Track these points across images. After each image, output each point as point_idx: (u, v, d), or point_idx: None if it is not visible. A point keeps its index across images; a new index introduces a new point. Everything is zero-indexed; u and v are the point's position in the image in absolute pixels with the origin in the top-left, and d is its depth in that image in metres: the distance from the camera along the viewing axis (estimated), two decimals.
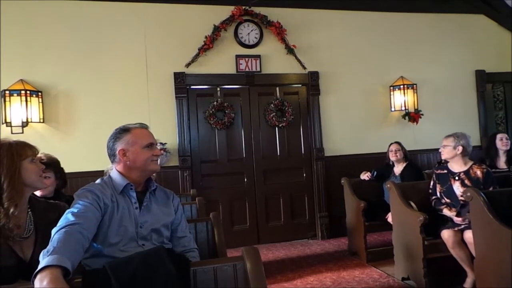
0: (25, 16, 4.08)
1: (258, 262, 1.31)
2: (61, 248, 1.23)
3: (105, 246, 1.49)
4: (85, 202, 1.48)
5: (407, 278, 3.09)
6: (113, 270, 1.25)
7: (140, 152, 1.64)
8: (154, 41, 4.41)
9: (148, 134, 1.70)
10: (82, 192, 1.55)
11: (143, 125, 1.73)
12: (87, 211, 1.45)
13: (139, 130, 1.69)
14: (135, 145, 1.64)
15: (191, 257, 1.68)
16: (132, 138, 1.65)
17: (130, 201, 1.62)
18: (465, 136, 3.06)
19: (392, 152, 4.06)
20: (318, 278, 3.36)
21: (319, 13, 4.92)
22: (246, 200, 4.69)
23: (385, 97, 5.06)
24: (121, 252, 1.50)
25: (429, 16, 5.30)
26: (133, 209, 1.61)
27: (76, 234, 1.33)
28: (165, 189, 1.81)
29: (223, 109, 4.57)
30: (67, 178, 2.58)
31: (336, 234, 4.71)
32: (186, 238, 1.77)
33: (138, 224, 1.59)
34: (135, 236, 1.57)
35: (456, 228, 2.79)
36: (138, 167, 1.65)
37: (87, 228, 1.39)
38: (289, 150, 4.84)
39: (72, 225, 1.35)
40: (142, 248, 1.54)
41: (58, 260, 1.17)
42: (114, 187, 1.62)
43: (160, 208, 1.70)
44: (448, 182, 3.06)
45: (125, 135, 1.66)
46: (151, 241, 1.61)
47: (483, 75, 5.40)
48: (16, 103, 3.82)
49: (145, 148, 1.66)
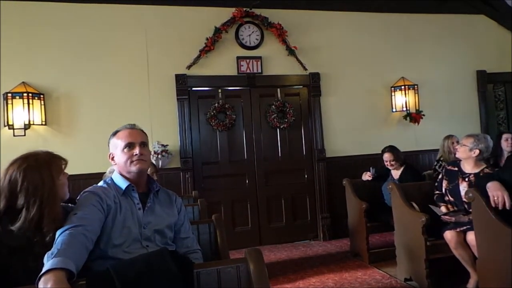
0: (26, 18, 4.09)
1: (261, 263, 1.32)
2: (65, 251, 1.24)
3: (109, 247, 1.50)
4: (88, 204, 1.49)
5: (409, 279, 3.09)
6: (116, 272, 1.25)
7: (120, 154, 1.65)
8: (155, 43, 4.42)
9: (128, 134, 1.67)
10: (86, 195, 1.56)
11: (127, 125, 1.72)
12: (90, 213, 1.46)
13: (122, 132, 1.68)
14: (117, 148, 1.67)
15: (194, 258, 1.68)
16: (115, 142, 1.68)
17: (133, 202, 1.63)
18: (486, 140, 2.93)
19: (386, 162, 3.94)
20: (320, 280, 3.35)
21: (320, 14, 4.93)
22: (248, 202, 4.69)
23: (386, 98, 5.07)
24: (125, 253, 1.50)
25: (429, 17, 5.30)
26: (136, 210, 1.61)
27: (80, 236, 1.34)
28: (168, 191, 1.81)
29: (224, 111, 4.58)
30: (70, 180, 2.58)
31: (338, 235, 4.71)
32: (189, 239, 1.77)
33: (142, 225, 1.60)
34: (139, 237, 1.57)
35: (458, 228, 2.78)
36: (125, 170, 1.67)
37: (91, 230, 1.39)
38: (290, 151, 4.84)
39: (76, 227, 1.36)
40: (146, 249, 1.55)
41: (62, 263, 1.17)
42: (116, 189, 1.63)
43: (163, 209, 1.70)
44: (456, 180, 3.01)
45: (112, 139, 1.70)
46: (155, 242, 1.62)
47: (484, 75, 5.40)
48: (18, 105, 3.83)
49: (125, 149, 1.65)
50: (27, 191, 1.41)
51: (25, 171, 1.43)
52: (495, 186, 2.24)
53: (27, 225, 1.38)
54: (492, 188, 2.24)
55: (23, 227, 1.38)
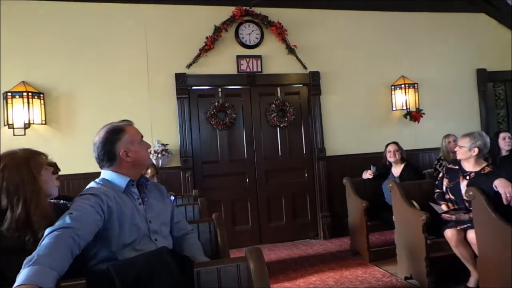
0: (26, 18, 4.09)
1: (261, 262, 1.31)
2: (45, 257, 1.17)
3: (119, 249, 1.47)
4: (86, 205, 1.42)
5: (410, 277, 3.09)
6: (117, 272, 1.25)
7: (139, 147, 1.65)
8: (155, 42, 4.41)
9: (135, 129, 1.69)
10: (85, 195, 1.48)
11: (125, 121, 1.70)
12: (86, 214, 1.38)
13: (130, 127, 1.67)
14: (134, 143, 1.63)
15: (192, 237, 1.81)
16: (130, 137, 1.63)
17: (133, 198, 1.61)
18: (483, 137, 2.93)
19: (390, 152, 3.94)
20: (321, 278, 3.36)
21: (320, 13, 4.92)
22: (248, 201, 4.70)
23: (387, 97, 5.06)
24: (136, 251, 1.48)
25: (429, 15, 5.29)
26: (138, 205, 1.60)
27: (67, 239, 1.27)
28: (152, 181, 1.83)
29: (224, 110, 4.58)
30: (70, 179, 2.59)
31: (338, 234, 4.71)
32: (182, 222, 1.83)
33: (147, 219, 1.60)
34: (147, 231, 1.57)
35: (459, 227, 2.78)
36: (141, 164, 1.68)
37: (80, 235, 1.31)
38: (290, 150, 4.84)
39: (65, 228, 1.29)
40: (155, 243, 1.56)
41: (36, 277, 1.10)
42: (114, 188, 1.57)
43: (157, 200, 1.71)
44: (457, 179, 3.02)
45: (123, 135, 1.61)
46: (162, 234, 1.63)
47: (484, 73, 5.39)
48: (18, 105, 3.83)
49: (141, 143, 1.67)
50: (8, 191, 1.38)
51: (2, 171, 1.39)
52: (504, 183, 2.24)
53: (14, 225, 1.36)
54: (502, 185, 2.24)
55: (11, 227, 1.36)
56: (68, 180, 3.86)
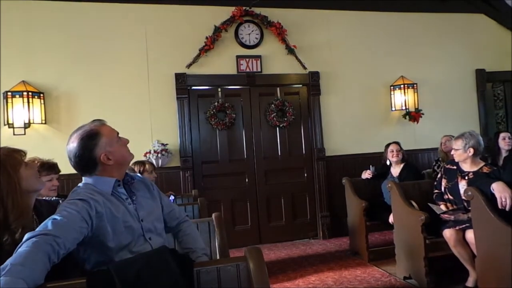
0: (26, 18, 4.09)
1: (261, 262, 1.32)
2: (17, 268, 1.10)
3: (115, 252, 1.45)
4: (72, 210, 1.35)
5: (408, 277, 3.09)
6: (116, 272, 1.24)
7: (117, 147, 1.57)
8: (155, 42, 4.42)
9: (109, 127, 1.61)
10: (73, 200, 1.41)
11: (97, 122, 1.63)
12: (70, 221, 1.32)
13: (104, 127, 1.60)
14: (113, 144, 1.55)
15: (188, 226, 1.79)
16: (107, 138, 1.54)
17: (122, 199, 1.56)
18: (474, 136, 2.95)
19: (393, 152, 3.93)
20: (320, 278, 3.36)
21: (320, 13, 4.93)
22: (248, 201, 4.70)
23: (386, 97, 5.07)
24: (132, 254, 1.46)
25: (429, 16, 5.30)
26: (128, 205, 1.56)
27: (45, 245, 1.20)
28: (138, 177, 1.75)
29: (224, 110, 4.58)
30: (70, 179, 2.59)
31: (338, 233, 4.72)
32: (175, 211, 1.80)
33: (139, 218, 1.57)
34: (141, 231, 1.55)
35: (457, 227, 2.79)
36: (124, 163, 1.62)
37: (60, 243, 1.24)
38: (290, 150, 4.84)
39: (45, 235, 1.23)
40: (149, 242, 1.54)
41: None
42: (102, 193, 1.50)
43: (146, 196, 1.67)
44: (455, 179, 3.03)
45: (100, 139, 1.53)
46: (156, 231, 1.60)
47: (483, 74, 5.40)
48: (18, 104, 3.83)
49: (118, 141, 1.60)
50: None
51: None
52: (502, 187, 2.22)
53: None
54: (499, 189, 2.22)
55: None
56: (69, 180, 3.86)
